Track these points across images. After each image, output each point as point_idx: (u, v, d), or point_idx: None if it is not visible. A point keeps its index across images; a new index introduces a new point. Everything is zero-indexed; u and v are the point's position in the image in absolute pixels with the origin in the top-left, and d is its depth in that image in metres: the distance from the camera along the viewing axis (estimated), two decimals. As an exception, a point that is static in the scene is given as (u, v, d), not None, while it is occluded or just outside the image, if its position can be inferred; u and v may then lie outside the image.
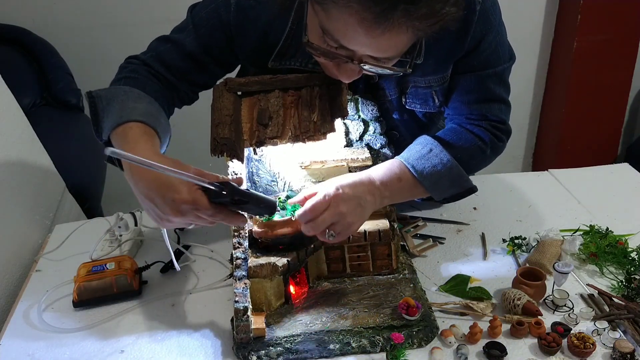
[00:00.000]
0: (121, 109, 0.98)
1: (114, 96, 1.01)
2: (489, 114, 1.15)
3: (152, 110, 1.02)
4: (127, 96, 1.02)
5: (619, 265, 1.16)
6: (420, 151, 1.08)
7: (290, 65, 1.10)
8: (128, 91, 1.03)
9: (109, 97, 1.00)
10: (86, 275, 1.12)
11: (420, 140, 1.11)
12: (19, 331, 1.08)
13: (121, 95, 1.01)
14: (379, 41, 0.86)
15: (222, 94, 1.00)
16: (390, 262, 1.14)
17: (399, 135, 1.23)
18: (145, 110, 1.00)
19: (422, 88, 1.14)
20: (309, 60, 1.09)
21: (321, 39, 0.91)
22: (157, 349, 1.02)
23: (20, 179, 1.44)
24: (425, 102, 1.16)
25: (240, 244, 0.98)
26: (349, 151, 1.13)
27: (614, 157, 3.00)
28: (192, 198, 0.87)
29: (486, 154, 1.16)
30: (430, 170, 1.07)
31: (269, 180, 1.15)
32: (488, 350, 0.95)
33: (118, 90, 1.03)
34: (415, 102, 1.16)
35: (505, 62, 1.14)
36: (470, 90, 1.14)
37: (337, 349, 0.97)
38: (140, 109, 0.99)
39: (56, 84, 2.31)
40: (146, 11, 2.50)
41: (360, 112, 1.11)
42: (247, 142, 0.96)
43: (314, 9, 0.89)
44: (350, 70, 0.95)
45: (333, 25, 0.87)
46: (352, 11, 0.82)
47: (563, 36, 2.74)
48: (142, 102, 1.02)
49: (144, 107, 1.01)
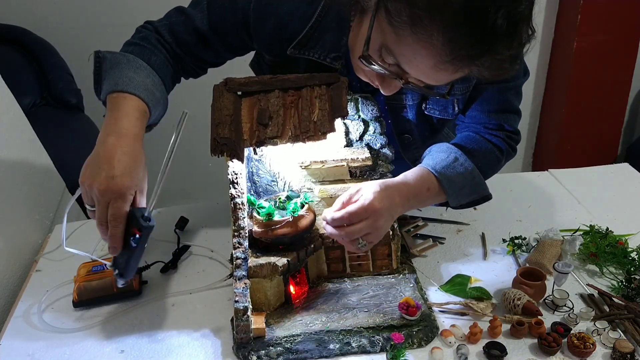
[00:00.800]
0: (120, 76, 1.01)
1: (118, 62, 1.04)
2: (506, 124, 1.20)
3: (149, 83, 1.04)
4: (129, 65, 1.04)
5: (619, 265, 1.16)
6: (447, 159, 1.10)
7: (308, 56, 1.11)
8: (131, 60, 1.06)
9: (113, 62, 1.04)
10: (86, 275, 1.13)
11: (443, 148, 1.13)
12: (19, 331, 1.08)
13: (124, 63, 1.04)
14: (440, 75, 0.89)
15: (222, 94, 1.00)
16: (390, 262, 1.14)
17: (412, 138, 1.24)
18: (140, 83, 1.02)
19: None
20: (328, 54, 1.10)
21: (377, 53, 0.93)
22: (157, 349, 1.02)
23: (20, 179, 1.44)
24: (444, 109, 1.18)
25: (240, 244, 0.97)
26: (349, 151, 1.13)
27: (614, 157, 3.00)
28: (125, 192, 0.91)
29: (501, 163, 1.21)
30: (456, 179, 1.09)
31: (269, 180, 1.15)
32: (488, 350, 0.95)
33: (122, 58, 1.06)
34: (435, 108, 1.18)
35: (522, 76, 1.18)
36: (491, 101, 1.18)
37: (337, 349, 0.97)
38: (137, 81, 1.02)
39: (56, 84, 2.31)
40: (146, 11, 2.49)
41: (360, 112, 1.11)
42: (247, 142, 0.96)
43: (381, 25, 0.90)
44: (394, 86, 0.98)
45: (401, 50, 0.88)
46: (430, 46, 0.84)
47: (563, 36, 2.74)
48: (140, 74, 1.04)
49: (141, 79, 1.03)
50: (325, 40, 1.09)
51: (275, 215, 1.05)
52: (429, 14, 0.82)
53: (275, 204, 1.08)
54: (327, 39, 1.09)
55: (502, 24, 0.82)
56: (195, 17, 1.14)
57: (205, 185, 2.37)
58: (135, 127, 0.97)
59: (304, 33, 1.09)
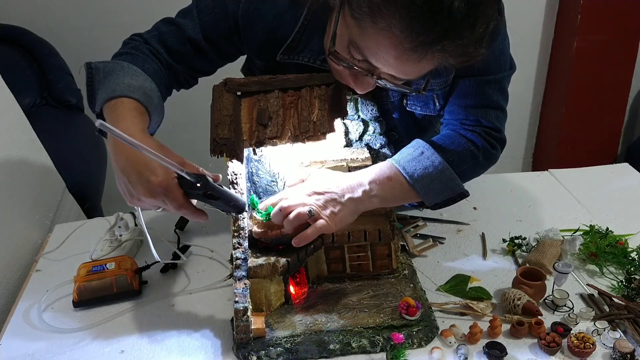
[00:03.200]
0: (116, 83, 1.00)
1: (112, 70, 1.03)
2: (484, 120, 1.14)
3: (146, 88, 1.03)
4: (124, 72, 1.03)
5: (619, 265, 1.16)
6: (412, 153, 1.07)
7: (298, 60, 1.11)
8: (126, 67, 1.04)
9: (107, 71, 1.02)
10: (86, 275, 1.12)
11: (412, 144, 1.11)
12: (19, 331, 1.08)
13: (118, 70, 1.03)
14: (407, 66, 0.89)
15: (222, 94, 1.00)
16: (390, 262, 1.14)
17: (397, 136, 1.23)
18: (139, 87, 1.01)
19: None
20: (317, 57, 1.10)
21: (346, 50, 0.93)
22: (157, 349, 1.02)
23: (20, 179, 1.44)
24: (425, 105, 1.17)
25: (240, 244, 0.98)
26: (348, 151, 1.13)
27: (614, 157, 3.00)
28: (166, 184, 0.88)
29: (478, 160, 1.14)
30: (422, 172, 1.05)
31: (269, 180, 1.15)
32: (488, 350, 0.95)
33: (116, 65, 1.04)
34: (416, 104, 1.17)
35: (506, 70, 1.14)
36: (468, 94, 1.13)
37: (337, 349, 0.97)
38: (134, 86, 1.00)
39: (56, 84, 2.31)
40: (146, 11, 2.49)
41: (360, 112, 1.11)
42: (247, 142, 0.96)
43: (345, 20, 0.90)
44: (367, 83, 0.98)
45: (365, 42, 0.88)
46: (391, 35, 0.84)
47: (563, 36, 2.74)
48: (137, 79, 1.03)
49: (138, 84, 1.02)
50: (313, 43, 1.08)
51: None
52: (386, 1, 0.82)
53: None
54: (315, 42, 1.08)
55: (459, 5, 0.80)
56: (186, 26, 1.13)
57: (205, 185, 2.37)
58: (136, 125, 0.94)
59: (291, 38, 1.09)
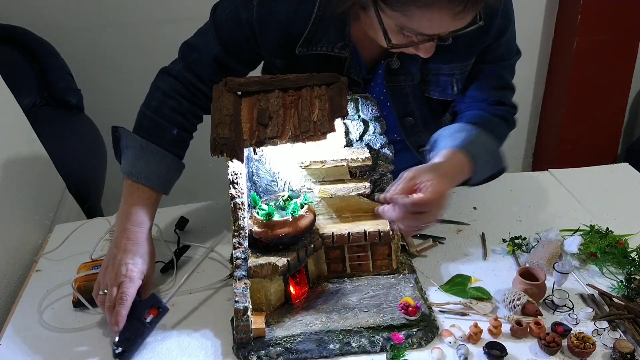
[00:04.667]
0: (133, 164, 1.13)
1: (131, 146, 1.14)
2: (505, 100, 1.26)
3: (162, 169, 1.15)
4: (142, 151, 1.14)
5: (619, 265, 1.16)
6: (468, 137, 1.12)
7: (317, 51, 1.13)
8: (144, 147, 1.14)
9: (128, 143, 1.15)
10: (86, 275, 1.12)
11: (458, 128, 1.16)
12: (19, 331, 1.08)
13: (137, 149, 1.14)
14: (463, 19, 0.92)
15: (222, 94, 1.00)
16: (390, 262, 1.14)
17: (414, 121, 1.26)
18: (152, 172, 1.13)
19: (444, 76, 1.20)
20: (335, 45, 1.13)
21: (400, 36, 0.97)
22: (157, 349, 1.02)
23: (20, 179, 1.44)
24: (444, 90, 1.22)
25: (240, 244, 0.97)
26: (348, 151, 1.13)
27: (614, 157, 3.00)
28: (132, 275, 1.04)
29: (507, 135, 1.25)
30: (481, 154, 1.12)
31: (269, 180, 1.15)
32: (488, 350, 0.95)
33: (135, 142, 1.15)
34: (435, 89, 1.22)
35: (516, 55, 1.25)
36: (491, 79, 1.23)
37: (337, 349, 0.97)
38: (148, 170, 1.13)
39: (56, 84, 2.30)
40: (146, 11, 2.50)
41: (360, 112, 1.11)
42: (247, 142, 0.96)
43: (387, 14, 0.94)
44: (430, 47, 1.01)
45: (417, 24, 0.92)
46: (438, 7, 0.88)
47: (563, 36, 2.74)
48: (152, 163, 1.14)
49: (153, 166, 1.14)
50: (329, 32, 1.11)
51: (275, 215, 1.05)
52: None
53: (275, 204, 1.08)
54: (331, 31, 1.11)
55: None
56: (207, 46, 1.17)
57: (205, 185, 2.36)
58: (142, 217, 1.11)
59: (307, 30, 1.11)
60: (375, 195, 1.10)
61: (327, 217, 1.16)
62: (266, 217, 1.04)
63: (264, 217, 1.04)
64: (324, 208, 1.16)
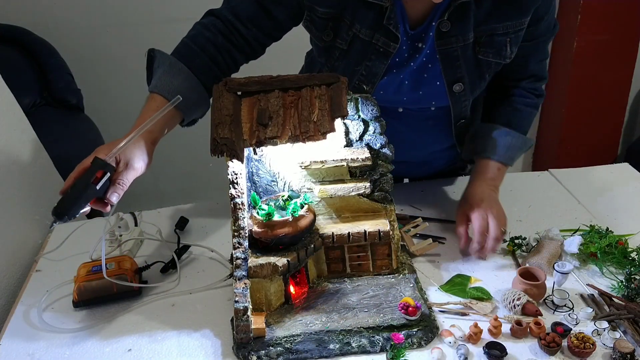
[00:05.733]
0: (160, 78, 1.15)
1: (162, 64, 1.17)
2: (543, 73, 1.34)
3: (183, 87, 1.14)
4: (170, 68, 1.17)
5: (619, 265, 1.16)
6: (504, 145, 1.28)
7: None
8: (173, 63, 1.17)
9: (159, 62, 1.18)
10: (86, 275, 1.12)
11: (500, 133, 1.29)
12: (19, 331, 1.08)
13: (167, 66, 1.17)
14: None
15: (222, 94, 1.00)
16: (390, 262, 1.14)
17: (463, 88, 1.24)
18: (174, 88, 1.13)
19: (498, 36, 1.19)
20: None
21: None
22: (157, 349, 1.02)
23: (20, 179, 1.44)
24: (498, 52, 1.21)
25: (240, 244, 0.98)
26: (348, 151, 1.13)
27: (614, 157, 3.00)
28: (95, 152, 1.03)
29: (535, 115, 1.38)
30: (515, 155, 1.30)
31: (269, 180, 1.15)
32: (488, 350, 0.95)
33: (166, 60, 1.18)
34: (489, 51, 1.21)
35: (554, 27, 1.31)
36: (536, 53, 1.30)
37: (337, 349, 0.97)
38: (171, 86, 1.14)
39: (56, 84, 2.31)
40: (146, 11, 2.51)
41: (360, 112, 1.11)
42: (247, 142, 0.96)
43: None
44: None
45: None
46: None
47: (563, 36, 2.73)
48: (177, 79, 1.16)
49: (177, 83, 1.15)
50: None
51: (275, 215, 1.05)
52: None
53: (275, 204, 1.09)
54: None
55: None
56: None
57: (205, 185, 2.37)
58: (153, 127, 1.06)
59: None
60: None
61: (327, 217, 1.16)
62: (266, 217, 1.04)
63: (264, 217, 1.04)
64: (324, 208, 1.16)
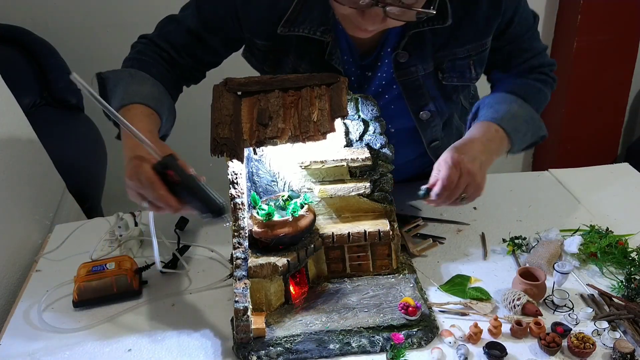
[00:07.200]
0: (125, 91, 1.05)
1: (120, 79, 1.08)
2: (545, 61, 1.27)
3: (155, 92, 1.08)
4: (132, 79, 1.08)
5: (619, 265, 1.16)
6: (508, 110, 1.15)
7: (299, 32, 1.12)
8: (134, 74, 1.09)
9: (116, 80, 1.08)
10: (86, 275, 1.12)
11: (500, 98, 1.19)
12: (19, 331, 1.08)
13: (127, 78, 1.08)
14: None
15: (222, 94, 1.00)
16: (390, 262, 1.14)
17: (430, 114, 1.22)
18: (147, 93, 1.06)
19: (460, 60, 1.18)
20: (318, 28, 1.11)
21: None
22: (157, 349, 1.02)
23: (20, 179, 1.44)
24: (462, 75, 1.20)
25: (240, 244, 0.97)
26: (348, 151, 1.13)
27: (614, 157, 3.00)
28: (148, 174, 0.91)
29: (548, 98, 1.28)
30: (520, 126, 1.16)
31: (269, 180, 1.15)
32: (488, 350, 0.95)
33: (124, 73, 1.09)
34: (453, 75, 1.20)
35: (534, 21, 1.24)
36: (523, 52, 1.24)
37: (337, 349, 0.97)
38: (142, 92, 1.06)
39: (56, 84, 2.30)
40: (146, 11, 2.50)
41: (360, 112, 1.11)
42: (247, 142, 0.96)
43: None
44: (375, 15, 0.97)
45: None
46: None
47: (563, 36, 2.74)
48: (145, 85, 1.08)
49: (147, 89, 1.07)
50: (313, 14, 1.10)
51: (275, 215, 1.05)
52: None
53: (275, 204, 1.08)
54: (315, 13, 1.10)
55: None
56: (186, 19, 1.17)
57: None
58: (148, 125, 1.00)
59: (291, 9, 1.10)
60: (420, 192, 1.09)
61: (327, 217, 1.16)
62: (266, 217, 1.04)
63: (264, 217, 1.04)
64: (324, 208, 1.16)
